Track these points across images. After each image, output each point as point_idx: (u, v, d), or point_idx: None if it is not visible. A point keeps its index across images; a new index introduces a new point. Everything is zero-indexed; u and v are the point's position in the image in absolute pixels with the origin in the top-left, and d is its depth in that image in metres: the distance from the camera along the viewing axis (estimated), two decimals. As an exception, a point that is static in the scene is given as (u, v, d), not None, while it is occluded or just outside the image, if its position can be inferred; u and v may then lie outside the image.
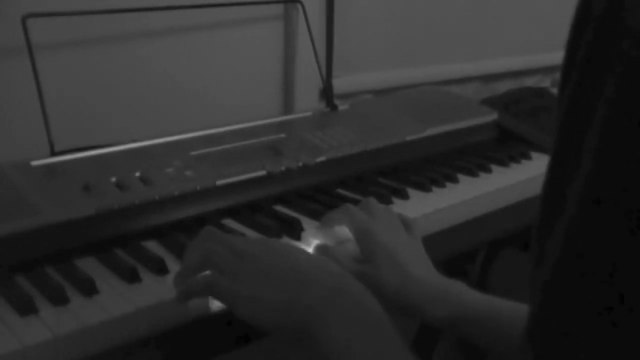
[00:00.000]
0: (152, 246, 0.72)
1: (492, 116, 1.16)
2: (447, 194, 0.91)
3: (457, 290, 0.67)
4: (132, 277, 0.64)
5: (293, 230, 0.75)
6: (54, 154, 0.82)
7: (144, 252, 0.70)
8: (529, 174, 1.00)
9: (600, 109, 0.33)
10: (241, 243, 0.59)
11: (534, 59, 1.72)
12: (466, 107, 1.18)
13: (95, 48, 1.03)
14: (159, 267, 0.66)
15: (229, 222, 0.79)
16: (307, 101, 1.27)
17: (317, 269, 0.56)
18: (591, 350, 0.33)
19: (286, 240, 0.74)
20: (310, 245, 0.71)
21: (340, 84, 1.25)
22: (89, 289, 0.62)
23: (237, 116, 0.99)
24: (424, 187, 0.91)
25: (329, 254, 0.67)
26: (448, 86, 1.43)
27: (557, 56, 0.40)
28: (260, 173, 0.85)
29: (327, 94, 1.16)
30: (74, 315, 0.59)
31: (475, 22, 1.61)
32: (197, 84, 1.15)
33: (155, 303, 0.61)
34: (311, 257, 0.61)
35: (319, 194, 0.88)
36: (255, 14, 1.20)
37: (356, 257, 0.68)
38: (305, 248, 0.68)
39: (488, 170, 1.00)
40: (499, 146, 1.13)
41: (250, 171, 0.84)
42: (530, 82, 1.74)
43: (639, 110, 0.32)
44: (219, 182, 0.81)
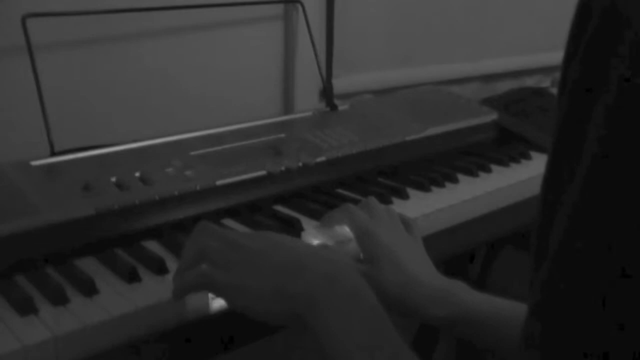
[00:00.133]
0: (152, 246, 0.72)
1: (492, 116, 1.16)
2: (447, 194, 0.91)
3: (458, 290, 0.67)
4: (132, 277, 0.64)
5: (293, 230, 0.75)
6: (54, 154, 0.82)
7: (144, 252, 0.70)
8: (529, 174, 1.00)
9: (602, 100, 0.33)
10: (235, 235, 0.59)
11: (534, 59, 1.72)
12: (466, 107, 1.18)
13: (95, 48, 1.03)
14: (159, 267, 0.66)
15: (229, 222, 0.79)
16: (307, 101, 1.27)
17: (312, 256, 0.56)
18: (593, 340, 0.33)
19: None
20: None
21: (340, 84, 1.25)
22: (88, 289, 0.62)
23: (237, 116, 0.99)
24: (423, 187, 0.91)
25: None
26: (448, 86, 1.43)
27: (557, 56, 0.40)
28: (260, 173, 0.85)
29: (327, 94, 1.16)
30: (74, 315, 0.58)
31: (475, 22, 1.61)
32: (197, 84, 1.15)
33: (155, 303, 0.61)
34: (308, 246, 0.61)
35: (319, 194, 0.88)
36: (255, 14, 1.20)
37: (356, 257, 0.68)
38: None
39: (488, 170, 1.00)
40: (499, 146, 1.13)
41: (250, 171, 0.84)
42: (530, 82, 1.74)
43: None
44: (219, 182, 0.81)
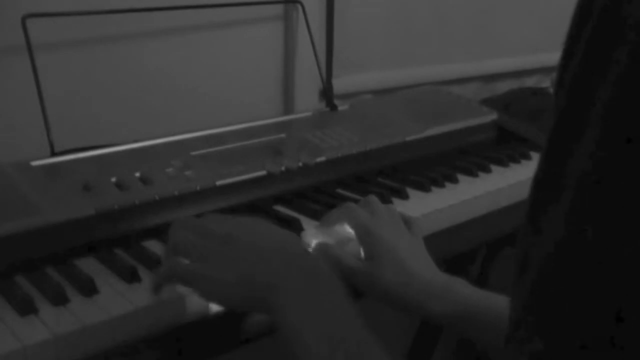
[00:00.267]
0: (152, 246, 0.72)
1: (492, 116, 1.16)
2: (447, 194, 0.91)
3: (459, 287, 0.67)
4: (132, 277, 0.64)
5: (293, 230, 0.75)
6: (54, 154, 0.82)
7: (144, 252, 0.70)
8: (528, 174, 0.99)
9: (604, 91, 0.33)
10: (209, 224, 0.59)
11: (534, 59, 1.72)
12: (466, 107, 1.18)
13: (95, 48, 1.03)
14: (158, 267, 0.66)
15: (229, 222, 0.79)
16: (307, 101, 1.27)
17: (281, 246, 0.56)
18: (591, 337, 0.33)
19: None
20: (310, 244, 0.71)
21: (340, 84, 1.25)
22: (88, 289, 0.62)
23: (237, 116, 0.99)
24: (423, 187, 0.91)
25: (329, 253, 0.67)
26: (448, 86, 1.43)
27: (557, 56, 0.40)
28: (260, 173, 0.85)
29: (327, 94, 1.16)
30: (73, 315, 0.59)
31: (475, 22, 1.61)
32: (197, 84, 1.15)
33: (155, 303, 0.61)
34: (280, 234, 0.60)
35: (319, 194, 0.88)
36: (255, 14, 1.20)
37: (357, 255, 0.68)
38: (306, 247, 0.68)
39: (488, 170, 1.00)
40: (498, 146, 1.13)
41: (250, 171, 0.84)
42: (530, 82, 1.74)
43: None
44: (219, 182, 0.81)
